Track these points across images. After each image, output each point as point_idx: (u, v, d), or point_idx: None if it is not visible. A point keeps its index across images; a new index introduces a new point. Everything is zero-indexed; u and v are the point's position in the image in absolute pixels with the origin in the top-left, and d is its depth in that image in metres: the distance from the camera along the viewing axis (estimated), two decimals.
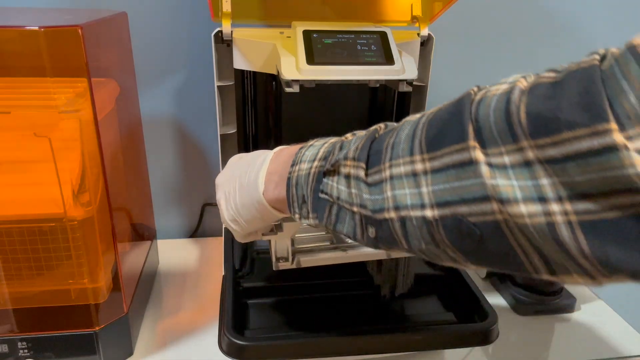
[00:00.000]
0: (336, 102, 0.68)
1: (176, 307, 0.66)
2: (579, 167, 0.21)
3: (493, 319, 0.52)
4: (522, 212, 0.23)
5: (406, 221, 0.29)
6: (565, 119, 0.21)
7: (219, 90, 0.59)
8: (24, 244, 0.48)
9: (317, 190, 0.35)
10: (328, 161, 0.35)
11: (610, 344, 0.61)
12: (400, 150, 0.30)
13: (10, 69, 0.44)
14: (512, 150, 0.24)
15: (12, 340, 0.51)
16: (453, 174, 0.26)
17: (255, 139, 0.69)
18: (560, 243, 0.23)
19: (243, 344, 0.47)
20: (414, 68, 0.53)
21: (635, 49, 0.21)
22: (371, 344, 0.50)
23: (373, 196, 0.31)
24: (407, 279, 0.59)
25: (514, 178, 0.24)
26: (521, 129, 0.23)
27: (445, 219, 0.27)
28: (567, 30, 0.82)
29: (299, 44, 0.52)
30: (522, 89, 0.24)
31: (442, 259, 0.30)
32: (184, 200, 0.84)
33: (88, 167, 0.47)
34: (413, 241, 0.30)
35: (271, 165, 0.40)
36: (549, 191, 0.23)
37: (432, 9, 0.63)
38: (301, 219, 0.37)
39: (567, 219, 0.22)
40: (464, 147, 0.25)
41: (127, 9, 0.62)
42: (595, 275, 0.23)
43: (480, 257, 0.28)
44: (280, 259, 0.50)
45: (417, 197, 0.28)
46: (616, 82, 0.21)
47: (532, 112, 0.23)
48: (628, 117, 0.20)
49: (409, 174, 0.29)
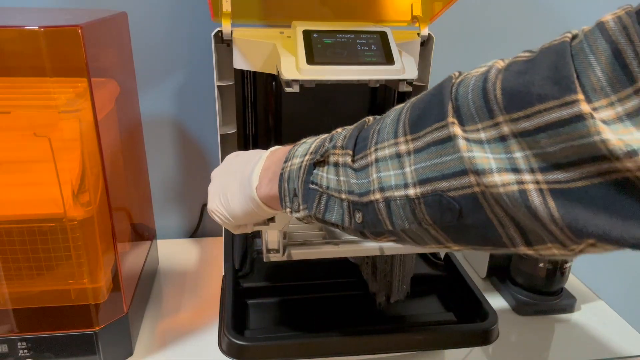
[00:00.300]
0: (336, 102, 0.68)
1: (176, 307, 0.66)
2: (549, 138, 0.22)
3: (493, 320, 0.52)
4: (496, 181, 0.24)
5: (390, 202, 0.30)
6: (537, 92, 0.22)
7: (219, 90, 0.59)
8: (24, 244, 0.48)
9: (307, 181, 0.36)
10: (318, 153, 0.35)
11: (610, 344, 0.61)
12: (386, 134, 0.31)
13: (10, 69, 0.44)
14: (488, 126, 0.25)
15: (12, 340, 0.51)
16: (434, 151, 0.27)
17: (255, 139, 0.69)
18: (531, 210, 0.23)
19: (243, 344, 0.47)
20: (414, 68, 0.53)
21: (603, 25, 0.22)
22: (371, 344, 0.50)
23: (360, 180, 0.32)
24: (403, 284, 0.58)
25: (489, 152, 0.25)
26: (497, 104, 0.24)
27: (426, 195, 0.28)
28: (566, 30, 0.82)
29: (299, 44, 0.52)
30: (499, 68, 0.25)
31: (425, 240, 0.31)
32: (184, 200, 0.84)
33: (88, 167, 0.47)
34: (397, 221, 0.30)
35: (266, 162, 0.41)
36: (522, 163, 0.24)
37: (432, 9, 0.63)
38: (292, 212, 0.37)
39: (539, 187, 0.23)
40: (444, 125, 0.27)
41: (127, 9, 0.62)
42: (566, 243, 0.24)
43: (460, 234, 0.28)
44: (272, 250, 0.50)
45: (400, 178, 0.29)
46: (584, 56, 0.22)
47: (506, 87, 0.24)
48: (594, 90, 0.21)
49: (393, 155, 0.30)
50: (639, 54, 0.20)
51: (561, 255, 0.25)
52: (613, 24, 0.21)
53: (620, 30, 0.21)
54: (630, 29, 0.21)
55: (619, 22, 0.21)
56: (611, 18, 0.22)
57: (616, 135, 0.20)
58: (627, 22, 0.21)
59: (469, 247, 0.30)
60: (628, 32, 0.21)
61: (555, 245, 0.24)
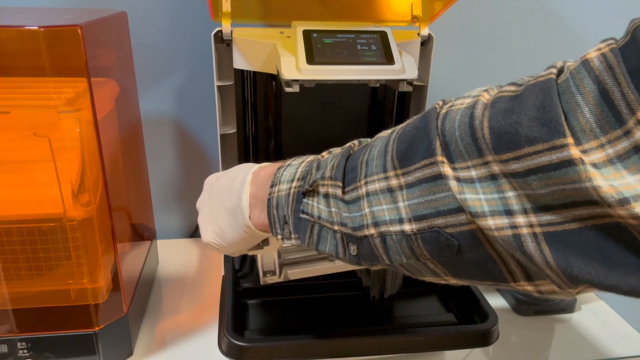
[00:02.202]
0: (336, 102, 0.68)
1: (176, 307, 0.66)
2: (540, 181, 0.22)
3: (493, 321, 0.52)
4: (489, 225, 0.24)
5: (386, 237, 0.29)
6: (525, 134, 0.22)
7: (218, 90, 0.59)
8: (23, 244, 0.48)
9: (297, 210, 0.35)
10: (306, 181, 0.35)
11: (610, 344, 0.61)
12: (374, 167, 0.30)
13: (10, 69, 0.44)
14: (478, 164, 0.24)
15: (12, 340, 0.51)
16: (426, 188, 0.27)
17: (255, 139, 0.69)
18: (527, 255, 0.23)
19: (243, 345, 0.47)
20: (414, 68, 0.53)
21: (589, 64, 0.21)
22: (371, 344, 0.50)
23: (352, 214, 0.31)
24: (396, 280, 0.58)
25: (481, 191, 0.24)
26: (485, 143, 0.24)
27: (423, 232, 0.27)
28: (566, 30, 0.82)
29: (298, 43, 0.52)
30: (485, 103, 0.25)
31: (423, 273, 0.30)
32: (184, 200, 0.84)
33: (88, 167, 0.47)
34: (394, 256, 0.30)
35: (252, 188, 0.40)
36: (514, 203, 0.23)
37: (432, 9, 0.63)
38: (283, 239, 0.37)
39: (532, 231, 0.23)
40: (433, 162, 0.26)
41: (127, 9, 0.62)
42: (562, 286, 0.24)
43: (460, 269, 0.28)
44: (268, 272, 0.50)
45: (394, 212, 0.29)
46: (571, 96, 0.21)
47: (494, 127, 0.23)
48: (583, 131, 0.21)
49: (385, 189, 0.29)
50: (626, 95, 0.20)
51: (560, 294, 0.25)
52: (598, 62, 0.21)
53: (606, 69, 0.21)
54: (615, 69, 0.20)
55: (605, 61, 0.21)
56: (596, 56, 0.21)
57: (607, 181, 0.20)
58: (613, 61, 0.21)
59: (468, 281, 0.29)
60: (614, 72, 0.20)
61: (554, 285, 0.24)
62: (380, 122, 0.70)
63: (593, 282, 0.22)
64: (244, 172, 0.41)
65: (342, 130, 0.69)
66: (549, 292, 0.25)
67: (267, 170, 0.40)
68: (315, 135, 0.69)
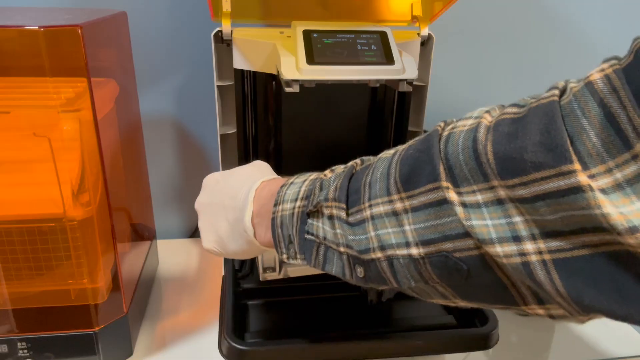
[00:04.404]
0: (336, 102, 0.68)
1: (176, 307, 0.66)
2: (548, 207, 0.22)
3: (493, 324, 0.52)
4: (498, 252, 0.23)
5: (393, 260, 0.29)
6: (530, 160, 0.22)
7: (218, 90, 0.59)
8: (23, 244, 0.48)
9: (302, 231, 0.35)
10: (310, 202, 0.34)
11: (610, 344, 0.61)
12: (378, 190, 0.30)
13: (10, 68, 0.44)
14: (484, 189, 0.24)
15: (12, 340, 0.51)
16: (432, 213, 0.26)
17: (255, 139, 0.69)
18: (537, 283, 0.23)
19: (243, 348, 0.47)
20: (414, 68, 0.53)
21: (592, 86, 0.21)
22: (371, 348, 0.50)
23: (357, 236, 0.31)
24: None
25: (488, 217, 0.24)
26: (490, 168, 0.23)
27: (431, 256, 0.27)
28: (567, 30, 0.82)
29: (298, 43, 0.52)
30: (487, 126, 0.24)
31: (432, 295, 0.30)
32: (184, 200, 0.84)
33: (88, 167, 0.47)
34: (402, 280, 0.29)
35: (255, 205, 0.39)
36: (522, 229, 0.23)
37: (432, 9, 0.63)
38: (289, 259, 0.37)
39: (542, 258, 0.22)
40: (438, 187, 0.26)
41: (127, 9, 0.62)
42: (573, 314, 0.23)
43: (470, 292, 0.28)
44: (267, 269, 0.49)
45: (400, 236, 0.28)
46: (576, 120, 0.21)
47: (498, 152, 0.23)
48: (590, 156, 0.21)
49: (389, 213, 0.29)
50: (632, 119, 0.20)
51: (572, 319, 0.24)
52: (602, 84, 0.21)
53: (611, 92, 0.20)
54: (620, 92, 0.20)
55: (609, 83, 0.20)
56: (599, 77, 0.21)
57: (617, 208, 0.20)
58: (617, 83, 0.20)
59: (477, 304, 0.29)
60: (619, 94, 0.20)
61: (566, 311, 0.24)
62: (380, 122, 0.70)
63: (605, 311, 0.21)
64: (247, 186, 0.41)
65: (342, 131, 0.69)
66: (560, 316, 0.25)
67: (271, 187, 0.39)
68: (315, 135, 0.69)
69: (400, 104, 0.68)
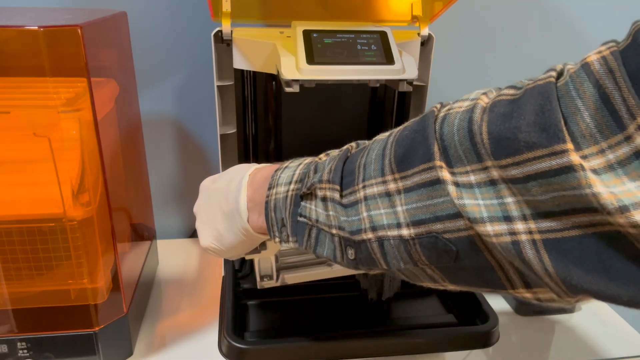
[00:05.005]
0: (336, 102, 0.68)
1: (176, 307, 0.66)
2: (540, 187, 0.22)
3: (494, 322, 0.52)
4: (488, 231, 0.24)
5: (384, 241, 0.29)
6: (524, 140, 0.22)
7: (218, 90, 0.59)
8: (23, 244, 0.48)
9: (295, 213, 0.35)
10: (304, 184, 0.34)
11: (610, 344, 0.61)
12: (372, 171, 0.30)
13: (10, 68, 0.44)
14: (477, 169, 0.24)
15: (12, 340, 0.51)
16: (424, 193, 0.26)
17: (255, 139, 0.69)
18: (526, 262, 0.23)
19: (243, 347, 0.47)
20: (414, 68, 0.53)
21: (589, 67, 0.21)
22: (372, 346, 0.50)
23: (350, 217, 0.31)
24: (394, 283, 0.58)
25: (480, 197, 0.24)
26: (484, 149, 0.24)
27: (421, 237, 0.27)
28: (566, 30, 0.82)
29: (298, 43, 0.52)
30: (483, 107, 0.24)
31: (420, 278, 0.30)
32: (184, 200, 0.84)
33: (87, 167, 0.47)
34: (392, 261, 0.29)
35: (249, 190, 0.39)
36: (513, 209, 0.23)
37: (432, 9, 0.63)
38: (281, 242, 0.37)
39: (532, 238, 0.22)
40: (431, 167, 0.26)
41: (127, 9, 0.62)
42: (561, 295, 0.23)
43: (458, 275, 0.28)
44: (265, 277, 0.49)
45: (392, 217, 0.28)
46: (571, 100, 0.21)
47: (493, 132, 0.23)
48: (583, 136, 0.21)
49: (383, 194, 0.29)
50: (626, 100, 0.20)
51: (559, 302, 0.25)
52: (599, 65, 0.21)
53: (607, 73, 0.20)
54: (616, 73, 0.20)
55: (605, 64, 0.21)
56: (596, 59, 0.21)
57: (607, 188, 0.20)
58: (613, 65, 0.20)
59: (466, 288, 0.29)
60: (614, 75, 0.20)
61: (553, 294, 0.24)
62: (380, 122, 0.70)
63: (592, 291, 0.21)
64: (240, 175, 0.41)
65: (342, 130, 0.69)
66: (547, 299, 0.25)
67: (264, 172, 0.39)
68: (315, 135, 0.69)
69: (400, 104, 0.68)
